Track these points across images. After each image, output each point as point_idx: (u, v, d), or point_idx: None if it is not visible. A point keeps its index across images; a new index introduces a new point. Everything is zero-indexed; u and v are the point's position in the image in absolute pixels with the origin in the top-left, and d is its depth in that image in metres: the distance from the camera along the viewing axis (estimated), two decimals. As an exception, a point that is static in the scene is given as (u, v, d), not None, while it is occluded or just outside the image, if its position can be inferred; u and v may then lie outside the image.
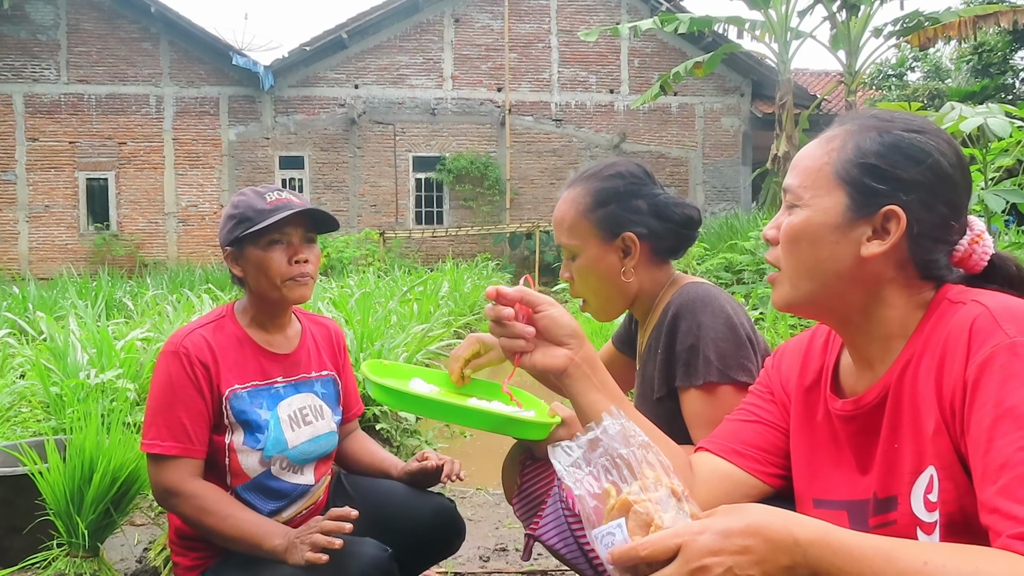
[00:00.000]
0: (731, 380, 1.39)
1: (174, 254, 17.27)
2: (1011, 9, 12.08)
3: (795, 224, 1.01)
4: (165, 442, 1.58)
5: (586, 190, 1.56)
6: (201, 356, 1.63)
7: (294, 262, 1.67)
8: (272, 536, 1.51)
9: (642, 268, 1.56)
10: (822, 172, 1.00)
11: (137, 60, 17.12)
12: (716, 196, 18.60)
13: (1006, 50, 18.85)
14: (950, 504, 0.87)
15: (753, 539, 0.75)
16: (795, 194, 1.02)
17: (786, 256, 1.03)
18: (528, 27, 18.11)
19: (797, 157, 1.06)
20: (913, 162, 0.96)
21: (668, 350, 1.46)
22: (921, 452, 0.92)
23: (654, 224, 1.54)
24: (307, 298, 1.74)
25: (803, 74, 20.28)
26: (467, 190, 17.79)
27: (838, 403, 1.06)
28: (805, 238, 1.00)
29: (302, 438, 1.71)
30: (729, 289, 8.10)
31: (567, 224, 1.56)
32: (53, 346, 3.79)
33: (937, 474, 0.90)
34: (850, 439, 1.04)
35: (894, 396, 0.97)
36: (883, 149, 0.97)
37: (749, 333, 1.45)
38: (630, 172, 1.57)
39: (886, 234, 0.96)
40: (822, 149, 1.01)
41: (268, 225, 1.63)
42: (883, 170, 0.96)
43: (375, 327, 5.07)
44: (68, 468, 2.17)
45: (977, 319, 0.89)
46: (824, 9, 12.64)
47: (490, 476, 3.36)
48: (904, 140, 0.97)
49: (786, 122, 13.25)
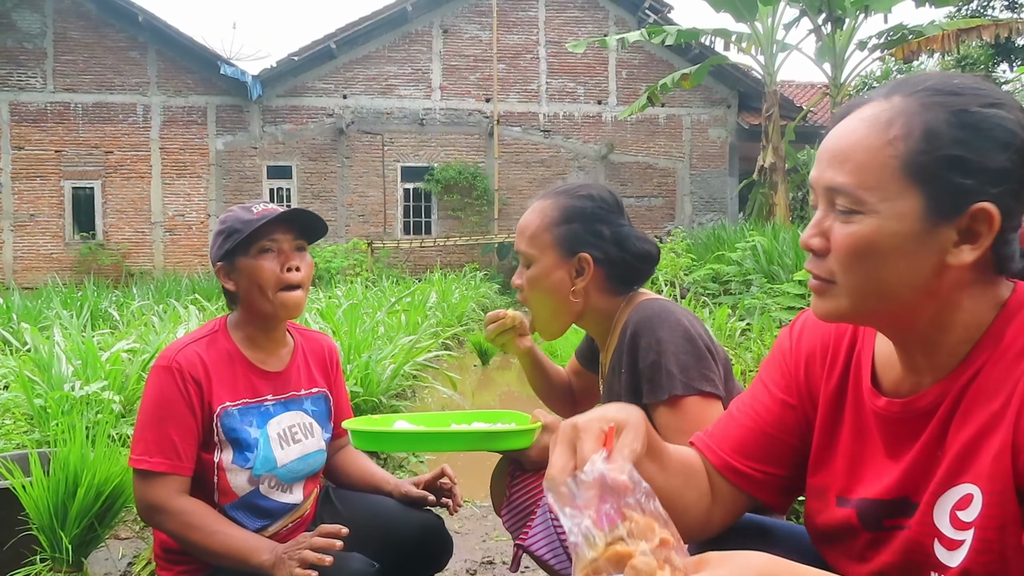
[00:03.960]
0: (696, 391, 1.41)
1: (160, 264, 17.18)
2: (993, 23, 12.24)
3: (862, 235, 0.83)
4: (153, 458, 1.57)
5: (555, 204, 1.60)
6: (194, 372, 1.61)
7: (285, 269, 1.66)
8: (260, 551, 1.50)
9: (593, 292, 1.59)
10: (887, 168, 0.82)
11: (124, 69, 17.06)
12: (703, 207, 18.68)
13: (988, 63, 19.09)
14: (990, 532, 0.80)
15: None
16: (853, 197, 0.84)
17: (848, 271, 0.86)
18: (516, 38, 18.18)
19: (841, 146, 0.86)
20: (1000, 146, 0.80)
21: (631, 369, 1.49)
22: (966, 467, 0.84)
23: (612, 251, 1.57)
24: (300, 312, 1.72)
25: (789, 86, 20.46)
26: (455, 200, 17.79)
27: (881, 401, 0.94)
28: (877, 252, 0.83)
29: (291, 456, 1.70)
30: (716, 300, 8.13)
31: (529, 232, 1.60)
32: (37, 357, 3.76)
33: (983, 497, 0.81)
34: (884, 439, 0.95)
35: (950, 404, 0.86)
36: (963, 134, 0.80)
37: (708, 343, 1.48)
38: (600, 197, 1.61)
39: (976, 236, 0.81)
40: (880, 138, 0.83)
41: (258, 231, 1.62)
42: (967, 161, 0.80)
43: (363, 338, 5.06)
44: (52, 482, 2.15)
45: None
46: (810, 22, 12.77)
47: (477, 488, 3.35)
48: (986, 120, 0.80)
49: (772, 133, 13.36)
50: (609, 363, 1.61)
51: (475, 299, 11.70)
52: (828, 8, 12.11)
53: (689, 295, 8.41)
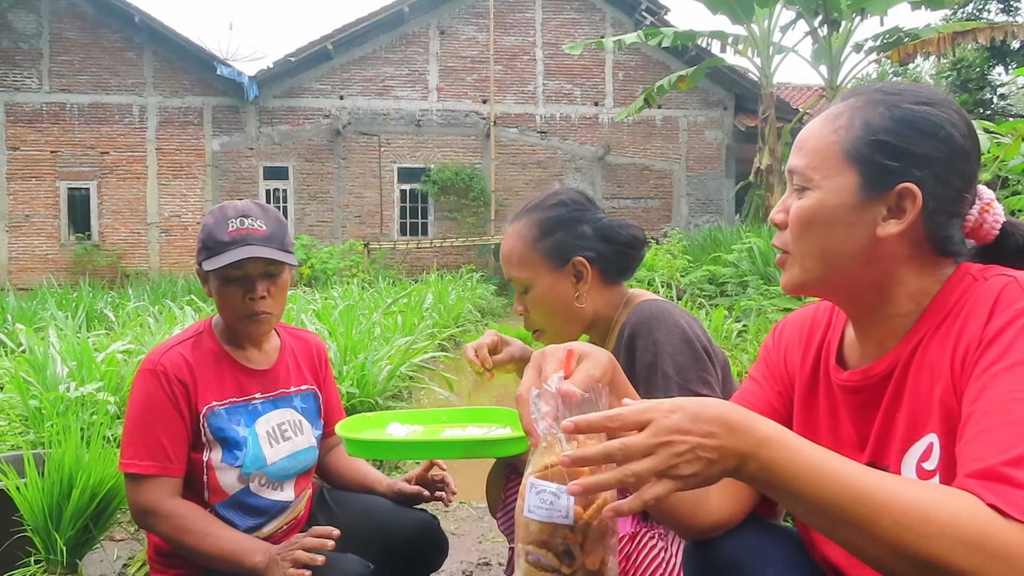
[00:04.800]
0: (692, 393, 1.40)
1: (156, 265, 17.15)
2: (989, 26, 12.28)
3: (807, 207, 0.97)
4: (143, 461, 1.57)
5: (531, 221, 1.58)
6: (179, 374, 1.61)
7: (249, 299, 1.63)
8: (253, 553, 1.50)
9: (595, 292, 1.58)
10: (831, 152, 0.96)
11: (120, 69, 17.04)
12: (700, 208, 18.71)
13: (984, 66, 19.15)
14: (952, 472, 0.85)
15: (719, 427, 0.78)
16: (804, 176, 0.98)
17: (797, 240, 0.99)
18: (513, 40, 18.19)
19: (802, 137, 1.02)
20: (925, 136, 0.93)
21: (628, 370, 1.48)
22: (921, 420, 0.92)
23: (601, 247, 1.57)
24: (265, 334, 1.72)
25: (785, 88, 20.49)
26: (452, 201, 17.79)
27: (843, 374, 1.04)
28: (818, 221, 0.97)
29: (281, 454, 1.70)
30: (712, 301, 8.14)
31: (516, 257, 1.59)
32: (32, 358, 3.75)
33: (939, 440, 0.89)
34: (851, 412, 1.03)
35: (902, 368, 0.96)
36: (893, 124, 0.94)
37: (705, 345, 1.48)
38: (572, 199, 1.60)
39: (902, 212, 0.93)
40: (828, 127, 0.98)
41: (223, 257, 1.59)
42: (895, 146, 0.93)
43: (359, 339, 5.05)
44: (47, 483, 2.14)
45: (1006, 287, 0.88)
46: (806, 24, 12.79)
47: (473, 489, 3.34)
48: (915, 113, 0.94)
49: (769, 135, 13.38)
50: None
51: (471, 300, 11.69)
52: (824, 10, 12.14)
53: (685, 296, 8.42)
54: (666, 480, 0.78)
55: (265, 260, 1.62)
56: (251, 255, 1.59)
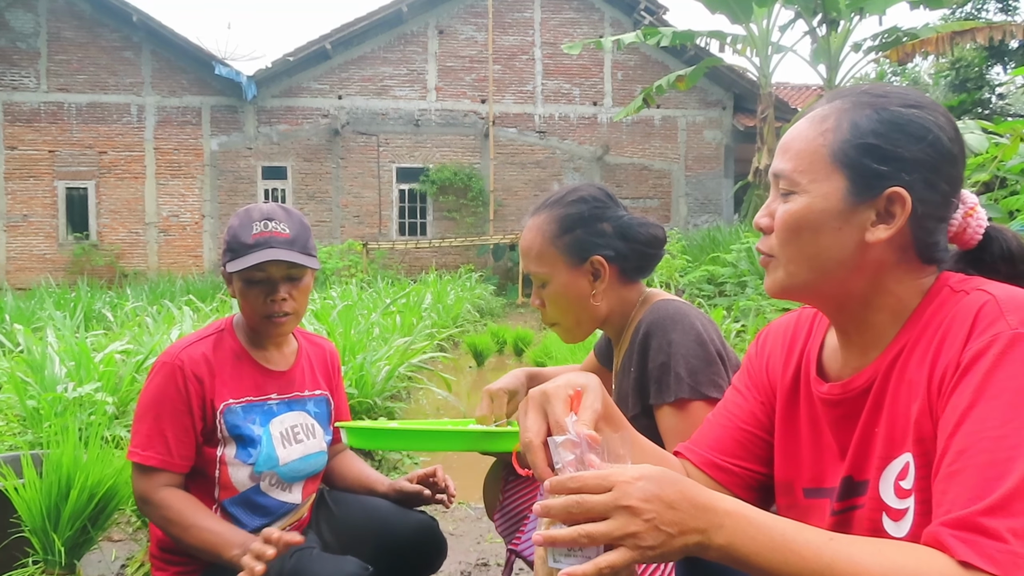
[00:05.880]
0: (702, 396, 1.40)
1: (154, 264, 17.14)
2: (987, 25, 12.30)
3: (794, 212, 0.95)
4: (146, 451, 1.60)
5: (551, 217, 1.57)
6: (196, 370, 1.63)
7: (270, 301, 1.66)
8: (230, 547, 1.51)
9: (611, 290, 1.57)
10: (818, 155, 0.94)
11: (118, 69, 17.03)
12: (698, 208, 18.72)
13: (983, 66, 19.15)
14: (927, 493, 0.85)
15: (682, 500, 0.78)
16: (790, 180, 0.96)
17: (783, 245, 0.97)
18: (512, 39, 18.20)
19: (786, 139, 0.99)
20: (913, 139, 0.91)
21: (641, 369, 1.47)
22: (899, 438, 0.91)
23: (620, 246, 1.56)
24: (286, 335, 1.77)
25: (784, 88, 20.49)
26: (450, 201, 17.79)
27: (824, 387, 1.02)
28: (806, 226, 0.94)
29: (293, 456, 1.72)
30: (711, 301, 8.15)
31: (535, 252, 1.58)
32: (30, 358, 3.74)
33: (915, 461, 0.88)
34: (832, 424, 1.02)
35: (882, 381, 0.94)
36: (881, 127, 0.92)
37: (719, 348, 1.47)
38: (593, 196, 1.59)
39: (891, 217, 0.92)
40: (815, 130, 0.95)
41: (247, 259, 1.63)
42: (883, 150, 0.91)
43: (357, 340, 5.05)
44: (45, 484, 2.14)
45: (984, 307, 0.86)
46: (805, 24, 12.80)
47: (472, 490, 3.34)
48: (902, 116, 0.92)
49: (767, 135, 13.38)
50: (621, 362, 1.60)
51: (470, 300, 11.69)
52: (823, 10, 12.15)
53: (684, 296, 8.41)
54: (624, 549, 0.77)
55: (287, 263, 1.65)
56: (273, 258, 1.62)
